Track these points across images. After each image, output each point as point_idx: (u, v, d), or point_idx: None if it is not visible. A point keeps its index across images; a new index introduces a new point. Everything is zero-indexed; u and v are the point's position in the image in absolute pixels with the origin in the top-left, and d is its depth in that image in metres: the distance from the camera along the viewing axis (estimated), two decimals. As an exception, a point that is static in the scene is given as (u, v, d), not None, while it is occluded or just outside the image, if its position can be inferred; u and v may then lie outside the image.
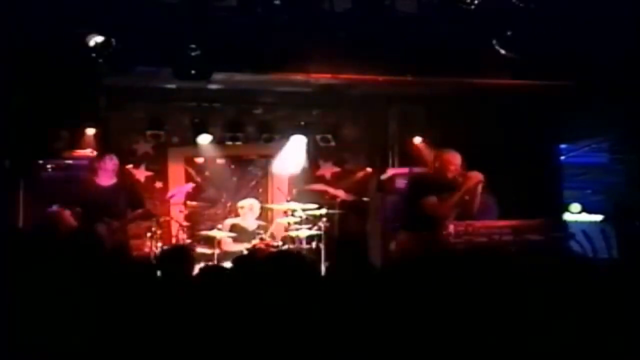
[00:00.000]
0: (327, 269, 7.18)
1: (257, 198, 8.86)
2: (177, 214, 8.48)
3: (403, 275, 2.96)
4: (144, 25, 6.32)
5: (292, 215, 8.13)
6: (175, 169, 9.37)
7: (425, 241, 5.70)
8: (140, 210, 6.95)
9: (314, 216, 8.12)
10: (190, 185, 8.19)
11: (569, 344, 2.52)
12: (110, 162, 6.81)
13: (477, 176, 5.91)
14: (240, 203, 8.50)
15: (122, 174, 7.05)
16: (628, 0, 6.29)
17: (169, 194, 8.18)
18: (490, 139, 8.11)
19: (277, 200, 9.12)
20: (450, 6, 6.12)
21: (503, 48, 6.48)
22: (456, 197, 5.89)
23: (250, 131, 9.34)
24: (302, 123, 9.23)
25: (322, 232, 8.03)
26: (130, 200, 6.90)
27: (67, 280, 3.02)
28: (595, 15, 6.32)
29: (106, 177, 6.81)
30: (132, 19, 6.25)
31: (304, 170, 9.27)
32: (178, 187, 8.68)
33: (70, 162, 7.90)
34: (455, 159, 6.01)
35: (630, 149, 8.50)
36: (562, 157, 9.30)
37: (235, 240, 8.02)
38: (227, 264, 5.52)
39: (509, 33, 6.47)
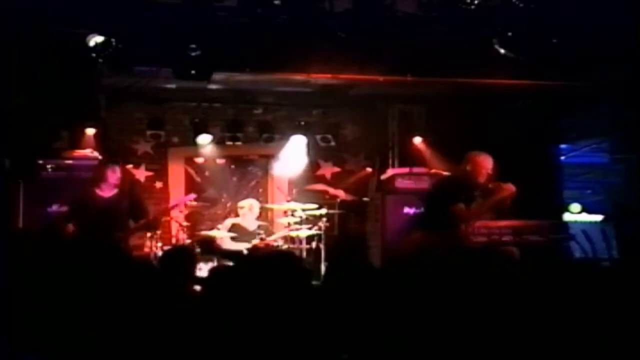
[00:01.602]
0: (326, 269, 7.18)
1: (257, 198, 8.87)
2: (177, 214, 8.48)
3: (403, 275, 2.97)
4: (144, 25, 6.32)
5: (292, 215, 8.13)
6: (175, 169, 9.38)
7: (438, 240, 5.64)
8: (143, 221, 6.79)
9: (314, 216, 8.13)
10: (192, 196, 8.17)
11: (569, 343, 2.52)
12: (113, 176, 6.66)
13: (510, 188, 5.77)
14: (241, 203, 8.50)
15: (124, 184, 6.89)
16: (628, 0, 6.28)
17: (171, 204, 8.15)
18: (490, 138, 8.09)
19: (277, 200, 9.12)
20: (450, 6, 6.11)
21: (503, 48, 6.47)
22: (485, 206, 5.78)
23: (250, 131, 9.37)
24: (302, 123, 9.23)
25: (322, 232, 8.04)
26: (133, 210, 6.75)
27: (69, 281, 3.02)
28: (595, 15, 6.32)
29: (108, 189, 6.66)
30: (132, 19, 6.25)
31: (304, 170, 9.27)
32: (180, 197, 8.65)
33: (70, 162, 7.90)
34: (487, 162, 5.89)
35: (630, 149, 8.49)
36: (562, 157, 9.29)
37: (235, 240, 8.02)
38: (228, 263, 5.52)
39: (509, 33, 6.46)
